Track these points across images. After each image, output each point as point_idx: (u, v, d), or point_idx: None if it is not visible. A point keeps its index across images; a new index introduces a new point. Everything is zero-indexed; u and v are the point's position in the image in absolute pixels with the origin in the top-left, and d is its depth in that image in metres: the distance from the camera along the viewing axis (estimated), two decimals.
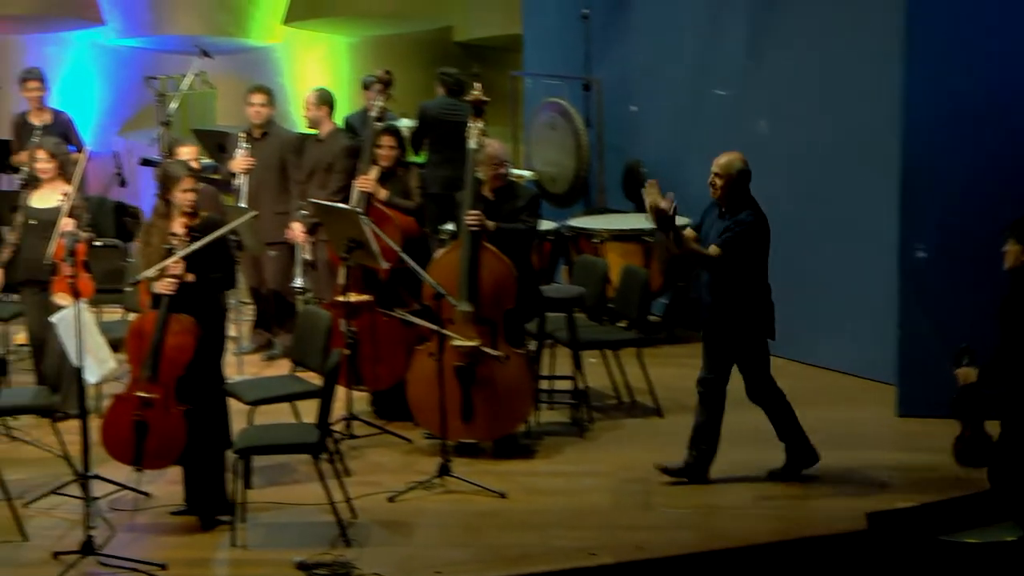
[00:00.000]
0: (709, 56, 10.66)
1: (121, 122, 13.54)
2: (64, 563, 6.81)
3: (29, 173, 8.99)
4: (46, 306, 8.53)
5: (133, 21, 13.65)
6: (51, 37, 13.57)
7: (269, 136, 9.98)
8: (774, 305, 7.76)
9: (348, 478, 7.70)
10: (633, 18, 11.41)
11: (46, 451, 8.14)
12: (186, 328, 7.21)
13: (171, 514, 7.45)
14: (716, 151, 10.59)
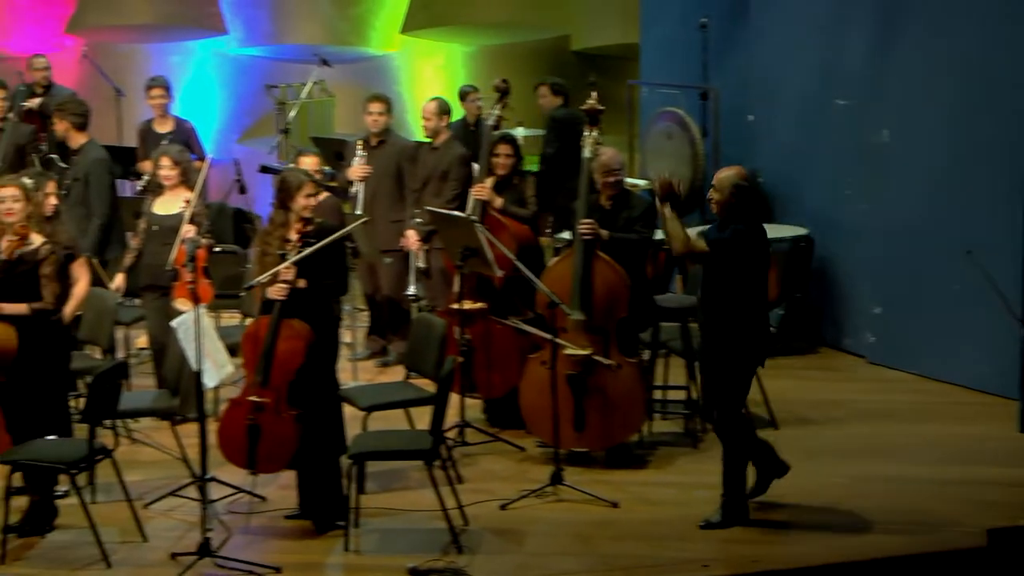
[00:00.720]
0: (830, 64, 10.55)
1: (241, 130, 13.74)
2: (181, 564, 6.91)
3: (151, 180, 9.15)
4: (167, 311, 8.67)
5: (255, 31, 13.86)
6: (175, 46, 13.83)
7: (386, 144, 10.05)
8: (770, 332, 7.51)
9: (460, 485, 7.72)
10: (752, 27, 11.33)
11: (165, 453, 8.26)
12: (298, 334, 7.27)
13: (285, 518, 7.52)
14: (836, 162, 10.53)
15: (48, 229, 7.53)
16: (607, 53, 13.79)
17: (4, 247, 7.33)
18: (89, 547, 7.04)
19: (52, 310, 7.37)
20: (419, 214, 9.64)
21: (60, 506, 7.42)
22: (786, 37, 10.99)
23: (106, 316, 8.61)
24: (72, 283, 7.57)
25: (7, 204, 7.30)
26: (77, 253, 7.69)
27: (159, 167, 8.87)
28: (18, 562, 7.01)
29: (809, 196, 10.79)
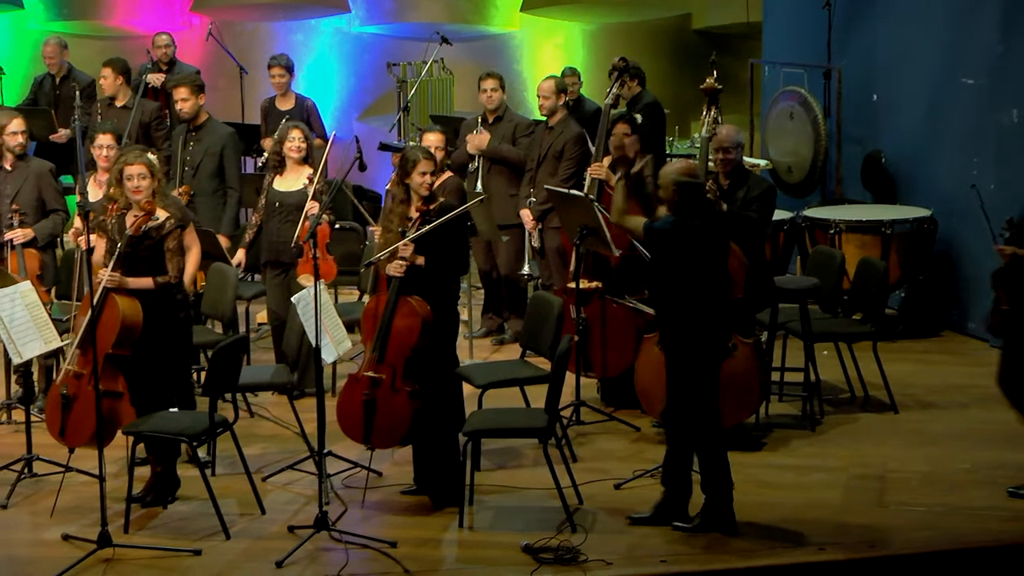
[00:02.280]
0: (957, 43, 10.35)
1: (361, 108, 13.84)
2: (299, 537, 6.99)
3: (272, 157, 9.24)
4: (287, 286, 8.77)
5: (377, 9, 13.94)
6: (298, 25, 13.96)
7: (502, 121, 10.07)
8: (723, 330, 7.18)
9: (575, 464, 7.72)
10: (877, 4, 11.15)
11: (283, 427, 8.36)
12: (414, 311, 7.31)
13: (402, 493, 7.58)
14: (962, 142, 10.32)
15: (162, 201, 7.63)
16: (729, 32, 13.66)
17: (130, 223, 7.46)
18: (209, 518, 7.15)
19: (176, 284, 7.49)
20: (534, 193, 9.64)
21: (181, 478, 7.55)
22: (912, 15, 10.79)
23: (228, 291, 8.73)
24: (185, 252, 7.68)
25: (135, 182, 7.42)
26: (187, 223, 7.78)
27: (290, 140, 8.96)
28: (141, 532, 7.14)
29: (934, 177, 10.60)
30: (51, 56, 12.11)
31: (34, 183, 8.83)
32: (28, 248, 8.72)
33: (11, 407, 8.55)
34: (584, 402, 8.62)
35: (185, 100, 9.68)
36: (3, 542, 7.09)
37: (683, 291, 7.03)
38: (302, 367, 8.80)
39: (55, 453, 7.66)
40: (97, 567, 6.71)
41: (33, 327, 7.44)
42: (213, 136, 9.73)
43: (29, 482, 7.68)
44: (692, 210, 7.05)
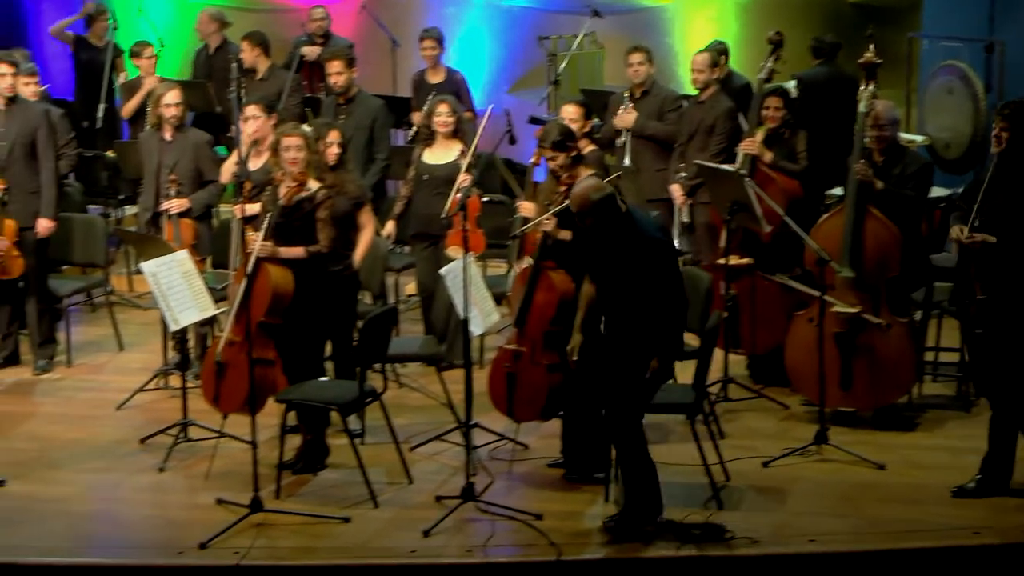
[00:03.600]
0: None
1: (511, 81, 13.84)
2: (446, 507, 7.04)
3: (421, 129, 9.29)
4: (436, 259, 8.82)
5: None
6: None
7: (649, 96, 10.00)
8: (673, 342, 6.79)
9: (722, 441, 7.65)
10: None
11: (431, 399, 8.43)
12: (554, 285, 7.29)
13: (548, 466, 7.59)
14: None
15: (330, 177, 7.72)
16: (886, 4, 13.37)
17: (283, 193, 7.56)
18: (358, 486, 7.24)
19: (327, 254, 7.57)
20: (683, 168, 9.56)
21: (331, 446, 7.65)
22: None
23: (377, 263, 8.81)
24: (359, 230, 7.76)
25: (292, 153, 7.52)
26: (365, 201, 7.87)
27: (437, 114, 9.00)
28: (291, 498, 7.26)
29: None
30: (204, 29, 12.30)
31: (192, 154, 8.99)
32: (183, 218, 8.89)
33: (168, 373, 8.74)
34: (732, 379, 8.54)
35: (339, 73, 9.78)
36: (159, 504, 7.26)
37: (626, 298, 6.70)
38: (450, 339, 8.87)
39: (210, 419, 7.82)
40: (249, 531, 6.84)
41: (189, 295, 7.59)
42: (363, 109, 9.81)
43: (184, 447, 7.85)
44: (612, 223, 6.63)
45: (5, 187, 8.93)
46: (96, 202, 11.45)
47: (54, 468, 7.70)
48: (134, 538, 6.95)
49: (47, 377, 9.13)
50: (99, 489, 7.53)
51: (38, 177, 8.99)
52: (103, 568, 6.65)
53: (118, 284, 10.67)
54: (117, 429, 8.25)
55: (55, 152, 9.14)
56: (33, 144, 9.01)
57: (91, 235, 9.63)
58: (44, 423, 8.42)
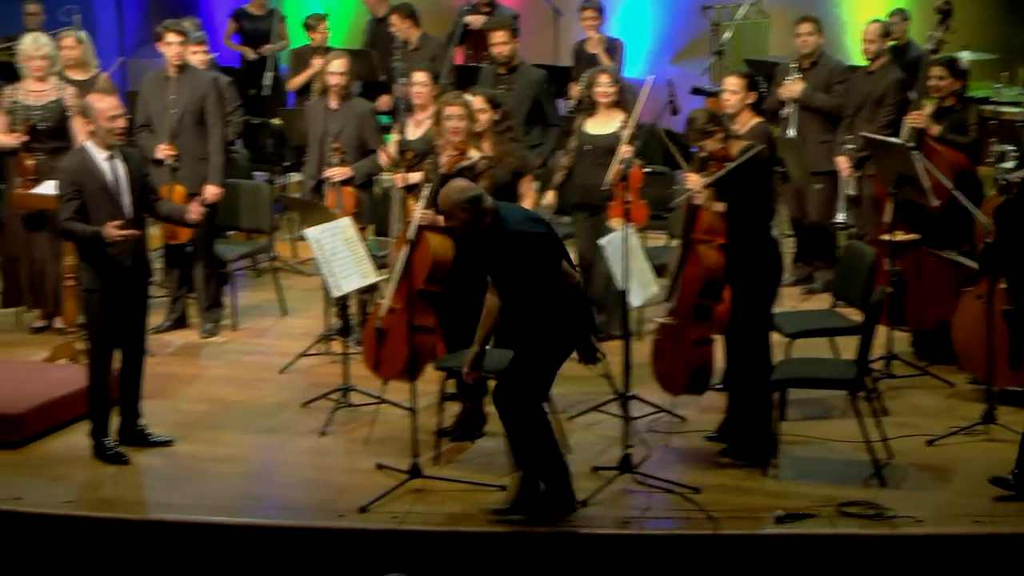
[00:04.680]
0: None
1: (674, 51, 13.73)
2: (603, 478, 7.04)
3: (583, 99, 9.26)
4: (596, 230, 8.80)
5: None
6: None
7: (817, 67, 9.86)
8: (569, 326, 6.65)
9: (885, 418, 7.51)
10: None
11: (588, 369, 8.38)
12: (702, 259, 7.20)
13: (706, 439, 7.54)
14: None
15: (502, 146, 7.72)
16: None
17: (444, 162, 7.60)
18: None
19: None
20: (851, 140, 9.40)
21: (489, 414, 7.69)
22: None
23: None
24: (519, 200, 7.78)
25: (454, 122, 7.56)
26: (525, 172, 7.88)
27: (598, 85, 8.97)
28: (450, 465, 7.32)
29: None
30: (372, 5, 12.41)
31: (356, 123, 9.08)
32: (346, 186, 8.99)
33: (329, 338, 8.86)
34: (896, 355, 8.39)
35: (503, 43, 9.81)
36: (320, 468, 7.37)
37: None
38: (609, 310, 8.85)
39: (370, 384, 7.91)
40: (407, 496, 6.91)
41: (352, 262, 7.67)
42: (525, 80, 9.82)
43: (345, 411, 7.95)
44: (478, 223, 6.51)
45: (175, 154, 9.12)
46: (262, 169, 11.65)
47: (219, 429, 7.86)
48: (295, 500, 7.08)
49: (213, 340, 9.33)
50: (262, 451, 7.68)
51: (206, 144, 9.16)
52: (266, 528, 6.78)
53: (282, 250, 10.85)
54: (280, 393, 8.40)
55: (223, 119, 9.31)
56: (202, 112, 9.19)
57: (257, 201, 9.80)
58: (210, 385, 8.60)
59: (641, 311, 8.89)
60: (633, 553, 6.60)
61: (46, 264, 9.16)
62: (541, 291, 6.56)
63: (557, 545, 6.62)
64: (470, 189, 6.62)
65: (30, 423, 7.65)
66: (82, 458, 7.42)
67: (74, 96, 9.07)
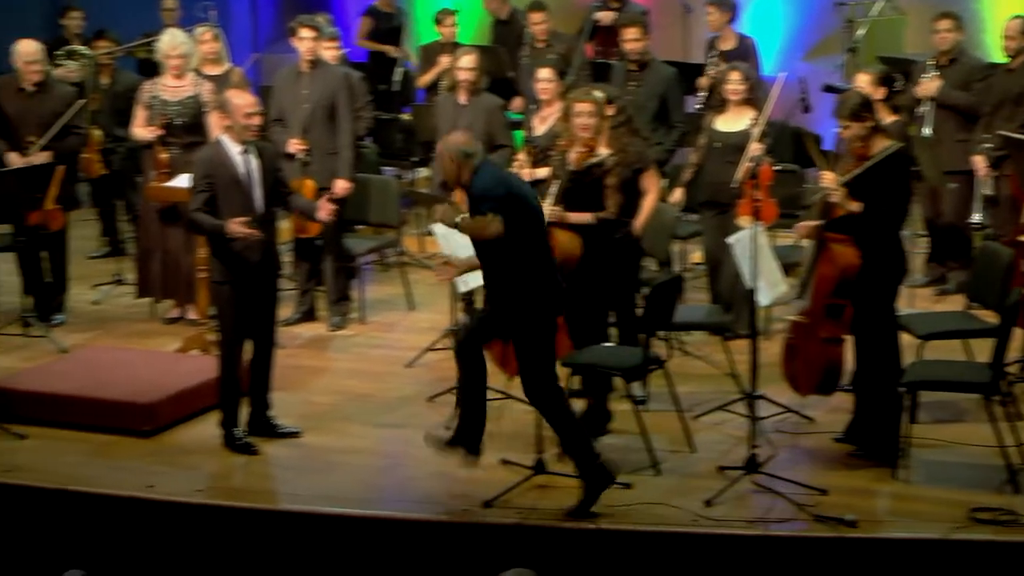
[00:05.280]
0: None
1: (806, 47, 13.55)
2: (728, 477, 6.99)
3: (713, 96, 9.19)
4: (724, 227, 8.72)
5: None
6: None
7: (956, 64, 9.67)
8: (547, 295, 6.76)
9: (1020, 423, 7.35)
10: None
11: (715, 368, 8.36)
12: (835, 258, 7.10)
13: (834, 440, 7.44)
14: None
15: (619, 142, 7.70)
16: None
17: (573, 158, 7.59)
18: (640, 453, 7.24)
19: (615, 220, 7.57)
20: (988, 139, 9.21)
21: (614, 412, 7.67)
22: None
23: (664, 230, 8.77)
24: (641, 196, 7.74)
25: (583, 119, 7.54)
26: (647, 167, 7.85)
27: (728, 82, 8.90)
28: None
29: None
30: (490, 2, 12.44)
31: (484, 118, 9.11)
32: None
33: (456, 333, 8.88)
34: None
35: (636, 40, 9.80)
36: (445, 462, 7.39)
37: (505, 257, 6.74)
38: (736, 308, 8.77)
39: (495, 379, 7.91)
40: (532, 492, 6.92)
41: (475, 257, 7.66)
42: (655, 77, 9.78)
43: None
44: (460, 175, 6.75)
45: (306, 148, 9.23)
46: (391, 164, 11.74)
47: (346, 421, 7.94)
48: (420, 493, 7.11)
49: (341, 333, 9.43)
50: (388, 444, 7.74)
51: (337, 139, 9.25)
52: (391, 521, 6.84)
53: (410, 245, 10.93)
54: (406, 386, 8.46)
55: (353, 114, 9.40)
56: (333, 107, 9.28)
57: (386, 196, 9.88)
58: (338, 378, 8.69)
59: (769, 310, 8.81)
60: (758, 554, 6.53)
61: (179, 256, 9.32)
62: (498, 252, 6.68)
63: (680, 544, 6.58)
64: (467, 144, 6.79)
65: (162, 413, 7.80)
66: (212, 448, 7.54)
67: (210, 92, 9.22)
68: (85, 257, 10.78)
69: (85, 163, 10.19)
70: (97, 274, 10.46)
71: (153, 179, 9.17)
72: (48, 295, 9.53)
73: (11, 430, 7.65)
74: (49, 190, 8.99)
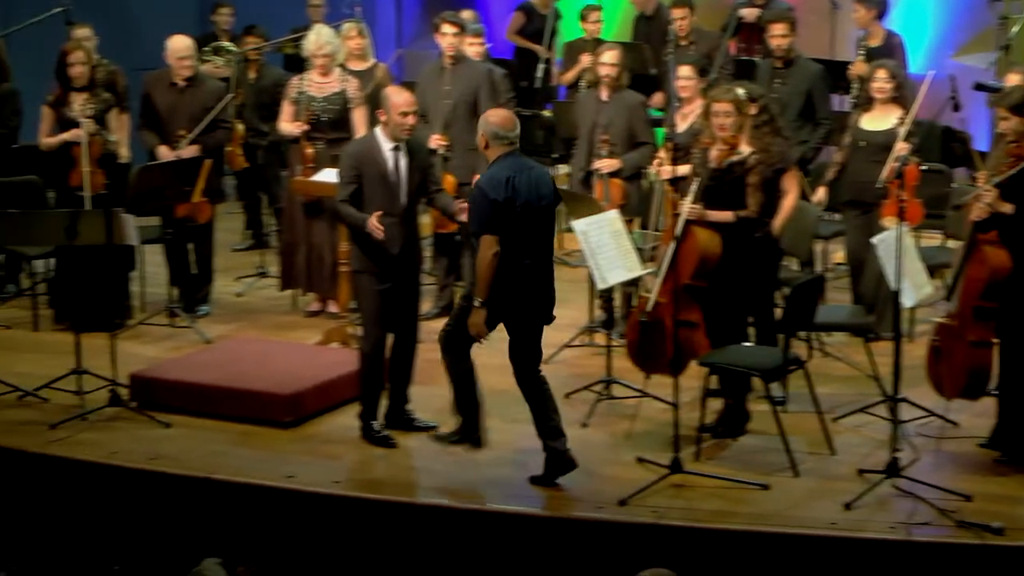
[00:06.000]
0: None
1: (956, 45, 13.29)
2: (868, 480, 6.88)
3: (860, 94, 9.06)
4: (868, 227, 8.60)
5: None
6: None
7: None
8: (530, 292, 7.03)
9: None
10: None
11: (857, 370, 8.23)
12: (988, 259, 6.94)
13: (979, 446, 7.29)
14: None
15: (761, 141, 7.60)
16: None
17: (714, 156, 7.53)
18: (778, 454, 7.17)
19: (755, 219, 7.49)
20: None
21: (752, 412, 7.59)
22: None
23: (806, 229, 8.66)
24: (781, 196, 7.65)
25: (720, 119, 7.47)
26: (788, 167, 7.75)
27: (875, 80, 8.76)
28: (710, 461, 7.25)
29: None
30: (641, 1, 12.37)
31: (626, 115, 9.08)
32: (614, 178, 9.00)
33: (593, 331, 8.88)
34: None
35: (783, 36, 9.71)
36: (581, 458, 7.36)
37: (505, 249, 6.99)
38: (879, 310, 8.61)
39: (632, 377, 7.90)
40: (668, 491, 6.88)
41: (618, 254, 7.67)
42: (801, 75, 9.68)
43: (607, 404, 7.96)
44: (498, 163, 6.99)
45: (447, 144, 9.28)
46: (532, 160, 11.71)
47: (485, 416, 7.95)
48: (555, 489, 7.10)
49: None
50: (525, 439, 7.71)
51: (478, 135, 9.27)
52: (525, 516, 6.84)
53: None
54: None
55: None
56: (475, 103, 9.31)
57: None
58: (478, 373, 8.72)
59: (913, 312, 8.66)
60: (898, 559, 6.42)
61: (323, 250, 9.42)
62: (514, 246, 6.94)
63: (819, 548, 6.50)
64: (507, 127, 7.02)
65: (303, 404, 7.90)
66: (351, 440, 7.61)
67: (356, 88, 9.32)
68: (229, 249, 10.98)
69: (228, 157, 10.38)
70: (241, 266, 10.64)
71: (298, 173, 9.29)
72: (194, 287, 9.71)
73: (156, 418, 7.81)
74: (197, 183, 9.16)
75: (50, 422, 7.74)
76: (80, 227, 7.93)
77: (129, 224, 8.21)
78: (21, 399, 8.10)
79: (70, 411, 7.86)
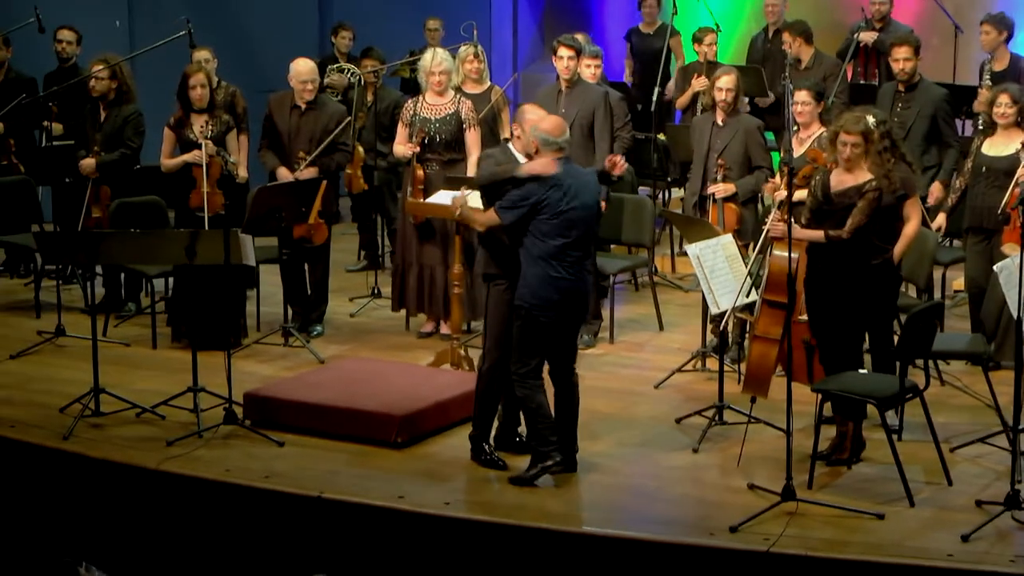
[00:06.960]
0: None
1: None
2: (986, 512, 6.74)
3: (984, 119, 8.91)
4: (989, 254, 8.45)
5: None
6: None
7: None
8: None
9: None
10: None
11: (976, 399, 8.08)
12: None
13: None
14: None
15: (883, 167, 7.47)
16: None
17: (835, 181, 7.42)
18: (893, 483, 7.05)
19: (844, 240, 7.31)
20: None
21: (867, 440, 7.48)
22: None
23: (925, 256, 8.54)
24: (903, 222, 7.54)
25: (848, 150, 7.34)
26: (911, 193, 7.63)
27: (998, 104, 8.62)
28: (824, 489, 7.15)
29: None
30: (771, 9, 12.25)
31: (742, 139, 9.01)
32: (728, 203, 8.93)
33: (705, 355, 8.81)
34: None
35: (907, 60, 9.61)
36: (692, 484, 7.34)
37: None
38: (1000, 338, 8.46)
39: (744, 403, 7.82)
40: (780, 519, 6.79)
41: (732, 279, 7.61)
42: (925, 98, 9.56)
43: (719, 429, 7.89)
44: None
45: None
46: (646, 183, 11.72)
47: (593, 440, 7.92)
48: (666, 515, 7.05)
49: (591, 352, 9.42)
50: (635, 463, 7.69)
51: (593, 157, 9.27)
52: (636, 542, 6.79)
53: (661, 265, 10.87)
54: (654, 407, 8.41)
55: (611, 134, 9.41)
56: (591, 125, 9.31)
57: (640, 216, 9.86)
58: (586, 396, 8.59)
59: None
60: None
61: (435, 271, 9.47)
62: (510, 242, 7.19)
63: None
64: (552, 132, 7.13)
65: (415, 425, 7.92)
66: (462, 461, 7.62)
67: (470, 109, 9.36)
68: (344, 270, 11.07)
69: (348, 179, 10.46)
70: (355, 287, 10.72)
71: (411, 195, 9.35)
72: (309, 307, 9.80)
73: (270, 437, 7.88)
74: (314, 205, 9.25)
75: (167, 439, 7.85)
76: (199, 247, 8.04)
77: (247, 244, 8.31)
78: (139, 416, 8.22)
79: (187, 428, 7.97)
